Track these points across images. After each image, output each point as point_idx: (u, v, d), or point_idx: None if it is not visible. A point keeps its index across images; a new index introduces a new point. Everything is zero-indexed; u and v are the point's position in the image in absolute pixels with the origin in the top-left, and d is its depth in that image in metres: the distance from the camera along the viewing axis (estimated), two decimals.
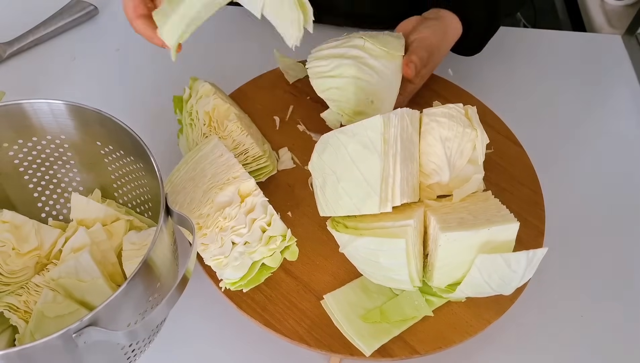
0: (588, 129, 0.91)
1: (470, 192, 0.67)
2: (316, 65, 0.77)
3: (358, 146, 0.62)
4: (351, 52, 0.75)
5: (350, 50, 0.76)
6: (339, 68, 0.75)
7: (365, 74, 0.74)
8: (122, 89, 0.92)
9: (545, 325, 0.70)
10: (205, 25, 1.01)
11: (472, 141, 0.66)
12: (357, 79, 0.74)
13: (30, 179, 0.68)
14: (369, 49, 0.75)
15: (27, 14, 0.99)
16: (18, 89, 0.89)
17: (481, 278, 0.60)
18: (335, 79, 0.75)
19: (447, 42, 0.82)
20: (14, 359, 0.46)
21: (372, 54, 0.75)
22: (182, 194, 0.67)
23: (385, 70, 0.75)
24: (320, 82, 0.77)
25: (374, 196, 0.61)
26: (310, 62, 0.78)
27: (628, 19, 1.08)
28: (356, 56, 0.75)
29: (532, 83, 0.96)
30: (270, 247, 0.65)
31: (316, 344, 0.63)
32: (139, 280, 0.50)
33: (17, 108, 0.61)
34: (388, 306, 0.65)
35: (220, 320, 0.69)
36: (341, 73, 0.75)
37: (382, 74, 0.75)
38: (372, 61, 0.75)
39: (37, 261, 0.66)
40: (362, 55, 0.75)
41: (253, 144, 0.74)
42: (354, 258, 0.65)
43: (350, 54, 0.75)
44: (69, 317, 0.61)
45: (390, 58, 0.75)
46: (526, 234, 0.71)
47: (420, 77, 0.80)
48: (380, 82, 0.75)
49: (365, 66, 0.74)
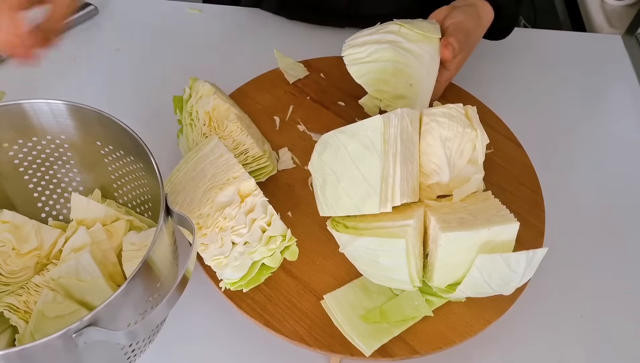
0: (588, 129, 0.91)
1: (470, 192, 0.67)
2: (352, 52, 0.77)
3: (358, 146, 0.62)
4: (387, 37, 0.75)
5: (386, 35, 0.75)
6: (376, 53, 0.75)
7: (402, 57, 0.74)
8: (122, 89, 0.92)
9: (545, 325, 0.70)
10: (206, 25, 1.02)
11: (472, 141, 0.66)
12: (395, 62, 0.74)
13: (30, 179, 0.68)
14: (405, 33, 0.75)
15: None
16: (18, 89, 0.89)
17: (481, 278, 0.60)
18: (372, 64, 0.75)
19: (481, 26, 0.82)
20: (14, 359, 0.46)
21: (409, 38, 0.75)
22: (182, 194, 0.67)
23: (423, 53, 0.75)
24: (357, 68, 0.77)
25: (374, 196, 0.61)
26: (345, 50, 0.78)
27: (628, 19, 1.08)
28: (393, 41, 0.75)
29: (532, 83, 0.96)
30: (270, 247, 0.65)
31: (316, 344, 0.63)
32: (139, 280, 0.50)
33: (17, 108, 0.61)
34: (388, 306, 0.65)
35: (220, 320, 0.69)
36: (378, 58, 0.75)
37: (420, 57, 0.75)
38: (409, 44, 0.75)
39: (37, 261, 0.66)
40: (398, 39, 0.75)
41: (253, 144, 0.74)
42: (354, 258, 0.65)
43: (387, 39, 0.75)
44: (69, 317, 0.61)
45: (428, 41, 0.75)
46: (526, 234, 0.71)
47: (456, 64, 0.80)
48: (418, 65, 0.75)
49: (403, 49, 0.74)
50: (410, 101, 0.77)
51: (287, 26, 1.02)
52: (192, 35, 1.00)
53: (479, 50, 0.98)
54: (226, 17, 1.03)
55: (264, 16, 1.04)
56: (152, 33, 1.00)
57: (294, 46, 0.98)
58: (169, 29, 1.01)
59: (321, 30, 1.02)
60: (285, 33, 1.01)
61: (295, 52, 0.93)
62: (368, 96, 0.80)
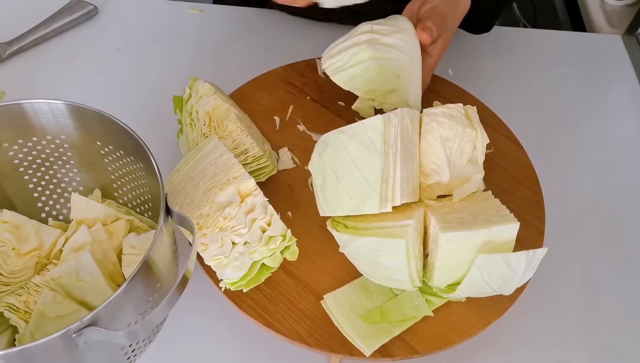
0: (588, 129, 0.91)
1: (470, 192, 0.67)
2: (332, 62, 0.77)
3: (358, 146, 0.62)
4: (362, 38, 0.75)
5: (360, 37, 0.75)
6: (355, 56, 0.75)
7: (382, 52, 0.74)
8: (122, 89, 0.92)
9: (545, 325, 0.70)
10: (206, 25, 1.02)
11: (472, 141, 0.66)
12: (377, 59, 0.74)
13: (30, 179, 0.68)
14: (378, 30, 0.75)
15: (27, 14, 0.99)
16: (18, 89, 0.89)
17: (481, 278, 0.60)
18: (355, 68, 0.75)
19: (459, 9, 0.82)
20: (14, 359, 0.46)
21: (384, 33, 0.75)
22: (182, 194, 0.67)
23: (401, 43, 0.75)
24: (341, 75, 0.77)
25: (374, 196, 0.61)
26: (325, 63, 0.78)
27: (628, 19, 1.08)
28: (368, 40, 0.75)
29: (532, 83, 0.96)
30: (270, 247, 0.65)
31: (316, 344, 0.63)
32: (139, 280, 0.50)
33: (17, 108, 0.61)
34: (388, 306, 0.65)
35: (220, 320, 0.69)
36: (359, 60, 0.75)
37: (400, 47, 0.75)
38: (385, 38, 0.75)
39: (37, 261, 0.66)
40: (373, 37, 0.75)
41: (253, 144, 0.74)
42: (354, 258, 0.65)
43: (362, 40, 0.75)
44: (69, 317, 0.61)
45: (402, 31, 0.75)
46: (526, 234, 0.71)
47: (438, 49, 0.80)
48: (399, 55, 0.75)
49: (380, 45, 0.74)
50: (401, 92, 0.77)
51: (287, 26, 1.02)
52: (192, 35, 1.00)
53: (479, 50, 0.98)
54: (226, 17, 1.03)
55: (264, 16, 1.04)
56: (152, 33, 1.00)
57: (295, 45, 0.98)
58: (169, 29, 1.01)
59: (321, 30, 1.01)
60: (285, 33, 1.01)
61: (296, 52, 0.93)
62: (360, 100, 0.80)
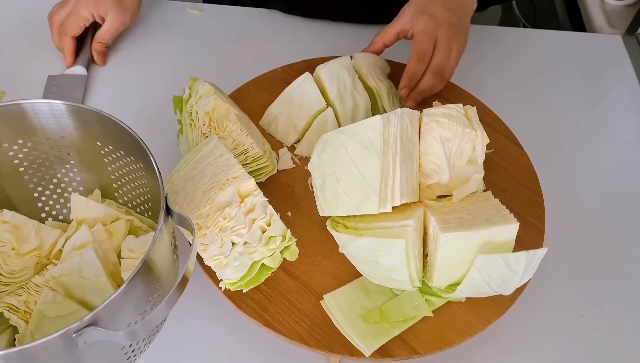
0: (588, 129, 0.91)
1: (470, 192, 0.67)
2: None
3: (358, 146, 0.62)
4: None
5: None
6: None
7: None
8: (122, 89, 0.92)
9: (545, 325, 0.70)
10: (206, 25, 1.02)
11: (472, 141, 0.66)
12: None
13: (30, 179, 0.68)
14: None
15: (27, 13, 0.99)
16: (18, 89, 0.89)
17: (481, 279, 0.60)
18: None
19: (466, 8, 0.83)
20: (14, 359, 0.46)
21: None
22: (182, 194, 0.67)
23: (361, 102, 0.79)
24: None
25: (373, 196, 0.61)
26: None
27: (628, 19, 1.08)
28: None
29: (532, 83, 0.96)
30: (270, 247, 0.65)
31: (316, 344, 0.63)
32: (139, 280, 0.50)
33: (17, 108, 0.61)
34: (388, 306, 0.65)
35: (220, 320, 0.69)
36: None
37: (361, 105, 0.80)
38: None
39: (37, 261, 0.66)
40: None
41: (253, 144, 0.74)
42: (353, 258, 0.65)
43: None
44: (69, 317, 0.61)
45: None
46: (526, 234, 0.71)
47: (454, 54, 0.81)
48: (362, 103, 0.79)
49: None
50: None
51: (287, 26, 1.02)
52: (192, 35, 1.00)
53: (479, 50, 0.98)
54: (226, 17, 1.03)
55: (264, 16, 1.04)
56: (152, 33, 1.00)
57: (295, 45, 0.98)
58: (169, 29, 1.01)
59: (322, 29, 1.01)
60: (286, 33, 1.01)
61: (296, 52, 0.93)
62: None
